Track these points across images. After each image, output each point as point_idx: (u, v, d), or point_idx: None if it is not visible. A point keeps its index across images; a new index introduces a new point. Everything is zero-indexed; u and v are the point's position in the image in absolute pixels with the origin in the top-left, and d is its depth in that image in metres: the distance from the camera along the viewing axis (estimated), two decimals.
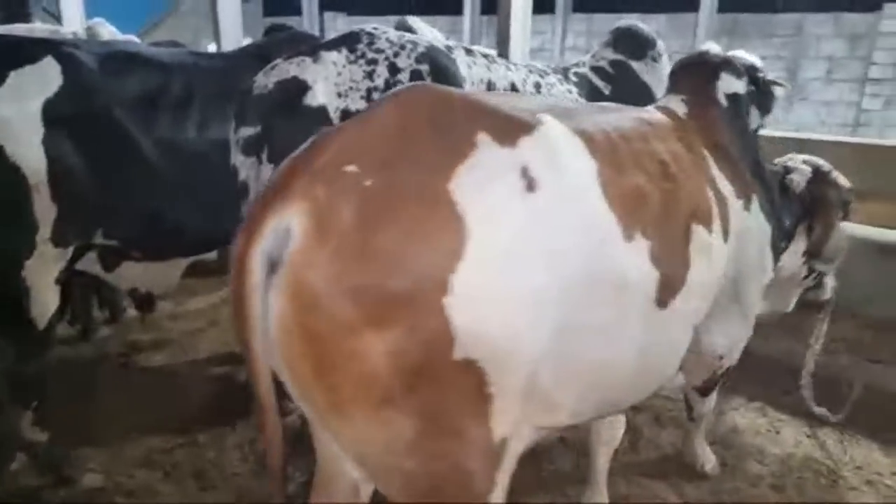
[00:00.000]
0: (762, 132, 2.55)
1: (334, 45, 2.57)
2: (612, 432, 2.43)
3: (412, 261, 1.23)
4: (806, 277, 2.75)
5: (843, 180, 2.70)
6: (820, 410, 3.10)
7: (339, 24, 15.37)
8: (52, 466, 2.58)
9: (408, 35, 2.71)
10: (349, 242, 1.22)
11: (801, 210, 2.60)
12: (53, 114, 2.22)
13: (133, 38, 7.29)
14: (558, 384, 1.50)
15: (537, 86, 3.10)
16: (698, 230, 1.77)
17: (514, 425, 1.43)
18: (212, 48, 5.44)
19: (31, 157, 2.17)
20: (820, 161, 2.73)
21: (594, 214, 1.48)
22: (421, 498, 1.40)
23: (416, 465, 1.35)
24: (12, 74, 2.19)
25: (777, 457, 3.00)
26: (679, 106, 2.16)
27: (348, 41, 2.59)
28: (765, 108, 3.47)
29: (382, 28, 2.68)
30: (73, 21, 7.06)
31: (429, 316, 1.24)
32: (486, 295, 1.28)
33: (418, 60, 2.52)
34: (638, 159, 1.66)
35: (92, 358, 3.74)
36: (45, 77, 2.25)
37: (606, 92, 3.47)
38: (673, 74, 2.40)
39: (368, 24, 2.72)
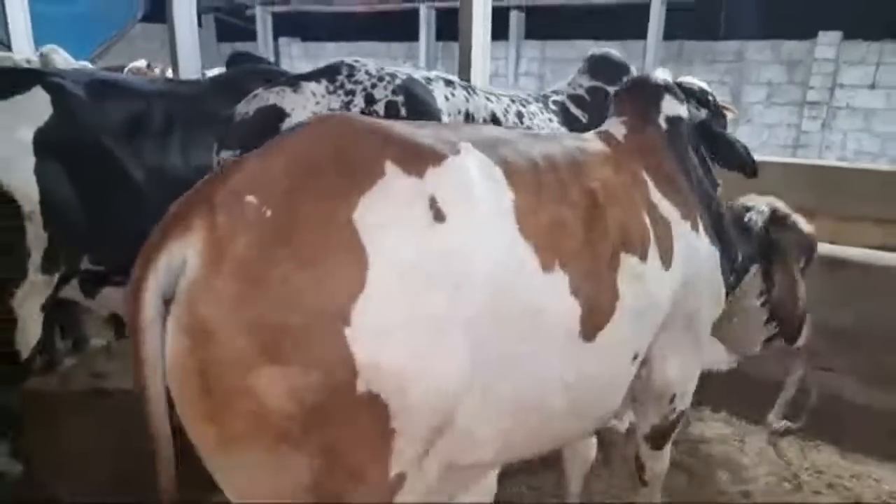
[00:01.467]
0: None
1: (315, 76, 2.63)
2: (584, 455, 2.47)
3: (312, 293, 1.18)
4: (769, 321, 2.63)
5: (804, 225, 2.64)
6: (781, 425, 3.21)
7: (293, 49, 15.39)
8: (28, 499, 2.51)
9: (389, 68, 2.78)
10: (246, 274, 1.16)
11: (756, 250, 2.52)
12: (44, 143, 2.22)
13: (86, 64, 7.21)
14: (478, 420, 1.45)
15: (519, 115, 3.11)
16: (628, 259, 1.70)
17: (415, 461, 1.36)
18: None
19: (24, 185, 2.17)
20: (779, 204, 2.67)
21: (508, 246, 1.43)
22: None
23: None
24: (1, 105, 2.19)
25: (742, 465, 3.14)
26: (619, 129, 2.08)
27: (328, 72, 2.65)
28: (723, 129, 3.66)
29: (364, 60, 2.75)
30: (24, 48, 6.93)
31: (330, 350, 1.18)
32: (390, 328, 1.23)
33: (394, 92, 2.58)
34: (564, 189, 1.62)
35: (60, 388, 3.66)
36: (36, 107, 2.25)
37: (584, 120, 3.46)
38: (616, 97, 2.33)
39: (323, 50, 2.77)
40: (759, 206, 2.62)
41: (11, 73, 2.44)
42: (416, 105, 2.62)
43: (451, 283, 1.30)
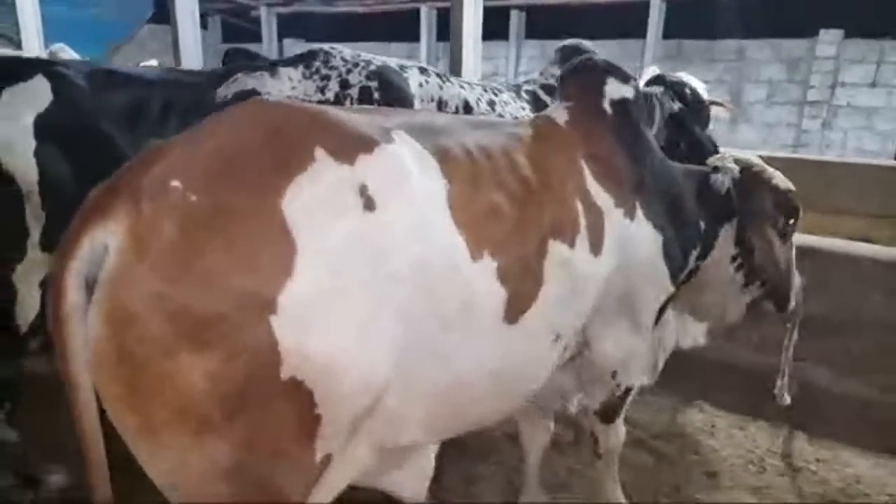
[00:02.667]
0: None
1: (293, 62, 2.73)
2: (541, 437, 2.56)
3: (237, 279, 1.16)
4: (747, 285, 2.50)
5: (781, 181, 2.43)
6: (787, 399, 2.90)
7: (297, 50, 15.53)
8: (19, 467, 2.61)
9: (364, 55, 2.86)
10: (169, 260, 1.13)
11: (724, 213, 2.40)
12: (44, 128, 2.30)
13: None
14: (405, 403, 1.48)
15: (491, 103, 3.21)
16: (556, 245, 1.71)
17: (342, 443, 1.38)
18: None
19: (24, 167, 2.26)
20: (754, 160, 2.50)
21: (439, 236, 1.44)
22: None
23: (232, 492, 1.26)
24: (6, 91, 2.29)
25: (711, 448, 3.19)
26: (561, 115, 2.06)
27: (306, 59, 2.74)
28: (698, 122, 3.70)
29: (339, 48, 2.83)
30: (34, 47, 7.12)
31: (254, 336, 1.17)
32: (316, 314, 1.22)
33: (368, 77, 2.67)
34: (497, 177, 1.63)
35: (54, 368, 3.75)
36: (37, 93, 2.34)
37: None
38: (560, 82, 2.29)
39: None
40: (727, 164, 2.46)
41: (16, 62, 2.53)
42: (390, 90, 2.70)
43: (381, 272, 1.30)
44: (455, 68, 5.66)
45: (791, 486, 2.93)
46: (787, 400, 2.77)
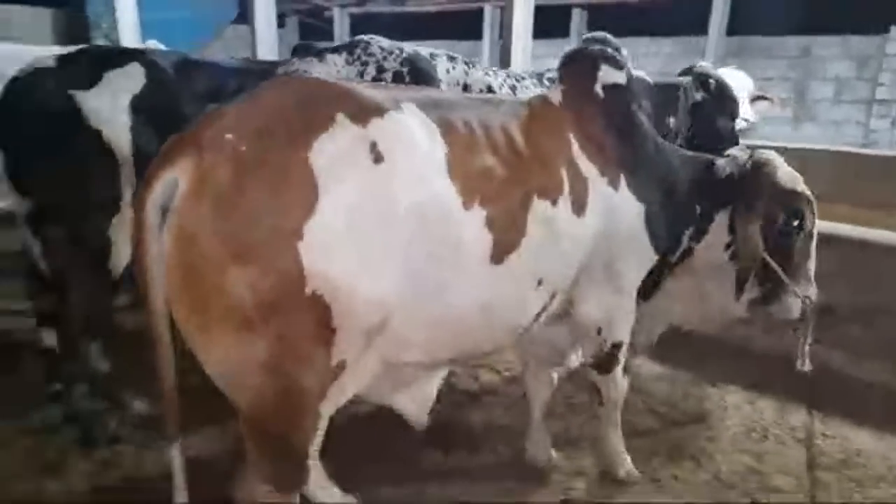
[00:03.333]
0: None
1: (338, 49, 3.13)
2: (544, 388, 2.82)
3: (273, 213, 1.47)
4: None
5: (787, 179, 2.46)
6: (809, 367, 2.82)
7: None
8: (108, 393, 3.09)
9: (399, 44, 3.24)
10: (222, 194, 1.45)
11: (721, 199, 2.50)
12: (138, 106, 2.79)
13: None
14: (409, 326, 1.78)
15: (513, 88, 3.56)
16: (539, 203, 1.98)
17: (355, 353, 1.68)
18: None
19: (121, 139, 2.73)
20: (767, 155, 2.53)
21: (435, 186, 1.72)
22: (266, 406, 1.64)
23: (265, 380, 1.59)
24: (107, 75, 2.78)
25: (718, 418, 3.39)
26: (556, 96, 2.30)
27: (349, 47, 3.14)
28: (722, 112, 3.88)
29: (378, 38, 3.22)
30: (131, 45, 7.88)
31: (284, 257, 1.48)
32: (334, 243, 1.52)
33: (401, 64, 3.04)
34: (492, 144, 1.92)
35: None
36: (132, 77, 2.83)
37: None
38: (560, 67, 2.51)
39: None
40: (736, 154, 2.56)
41: (116, 51, 3.10)
42: (418, 74, 3.06)
43: (387, 213, 1.61)
44: (504, 65, 5.98)
45: (789, 453, 3.10)
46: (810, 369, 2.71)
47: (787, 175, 2.48)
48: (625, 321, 2.46)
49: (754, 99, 5.75)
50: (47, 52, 3.01)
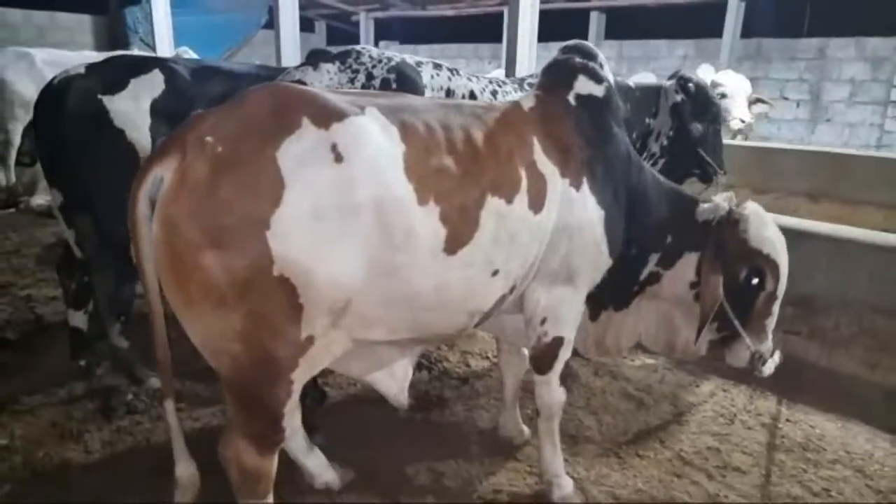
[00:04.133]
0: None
1: (332, 58, 3.39)
2: (516, 366, 2.99)
3: (244, 204, 1.69)
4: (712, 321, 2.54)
5: (755, 240, 2.48)
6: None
7: (393, 50, 16.47)
8: (128, 369, 3.42)
9: (388, 53, 3.50)
10: (201, 188, 1.68)
11: (691, 239, 2.59)
12: (157, 109, 3.12)
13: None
14: (370, 307, 1.96)
15: (494, 93, 3.76)
16: (493, 200, 2.11)
17: (322, 329, 1.89)
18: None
19: (142, 138, 3.06)
20: (751, 210, 2.54)
21: (391, 183, 1.89)
22: (242, 372, 1.86)
23: (241, 350, 1.81)
24: (132, 81, 3.13)
25: (690, 403, 3.59)
26: (528, 102, 2.44)
27: (342, 56, 3.41)
28: (701, 113, 4.06)
29: (369, 47, 3.50)
30: (165, 49, 8.37)
31: (254, 243, 1.70)
32: (298, 232, 1.73)
33: (388, 71, 3.30)
34: (451, 145, 2.07)
35: None
36: (153, 83, 3.18)
37: None
38: (541, 74, 2.66)
39: (417, 51, 3.49)
40: (720, 202, 2.57)
41: (140, 59, 3.43)
42: (405, 81, 3.31)
43: (346, 206, 1.80)
44: (510, 68, 6.20)
45: (752, 436, 3.29)
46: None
47: (759, 236, 2.50)
48: (570, 318, 2.54)
49: (753, 101, 5.91)
50: (85, 57, 3.36)
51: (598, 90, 2.52)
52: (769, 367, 2.67)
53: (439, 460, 2.95)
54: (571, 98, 2.48)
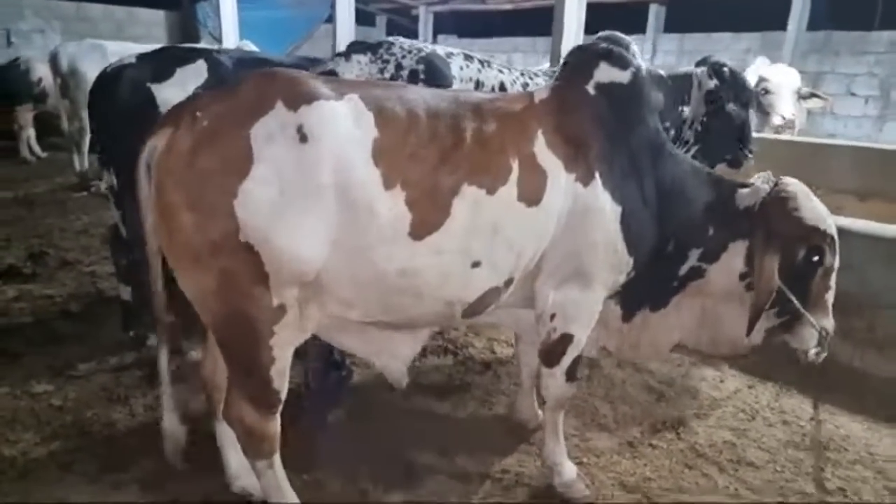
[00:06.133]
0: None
1: (364, 49, 3.53)
2: (534, 356, 2.80)
3: (217, 173, 1.88)
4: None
5: (808, 215, 2.40)
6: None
7: (450, 43, 16.60)
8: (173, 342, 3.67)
9: (419, 44, 3.61)
10: (183, 157, 1.89)
11: (736, 227, 2.51)
12: None
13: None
14: (341, 286, 2.07)
15: (525, 85, 3.82)
16: (471, 190, 2.11)
17: (292, 300, 2.02)
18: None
19: None
20: (793, 186, 2.47)
21: (356, 165, 1.96)
22: (222, 329, 2.07)
23: (220, 306, 2.01)
24: (178, 70, 3.37)
25: (711, 397, 3.58)
26: (541, 93, 2.41)
27: (374, 47, 3.55)
28: (736, 100, 3.99)
29: (402, 39, 3.62)
30: (231, 43, 8.82)
31: (223, 209, 1.87)
32: (261, 203, 1.87)
33: (417, 62, 3.42)
34: (432, 133, 2.10)
35: None
36: (198, 72, 3.41)
37: None
38: (562, 63, 2.60)
39: (475, 44, 3.59)
40: (759, 184, 2.51)
41: (187, 50, 3.69)
42: (433, 72, 3.42)
43: (309, 184, 1.91)
44: (554, 61, 6.21)
45: (771, 433, 3.26)
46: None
47: (811, 211, 2.43)
48: (583, 317, 2.48)
49: (805, 96, 5.73)
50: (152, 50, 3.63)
51: (622, 76, 2.43)
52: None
53: (453, 441, 3.05)
54: (591, 87, 2.41)
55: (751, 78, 5.59)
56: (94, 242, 5.97)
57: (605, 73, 2.43)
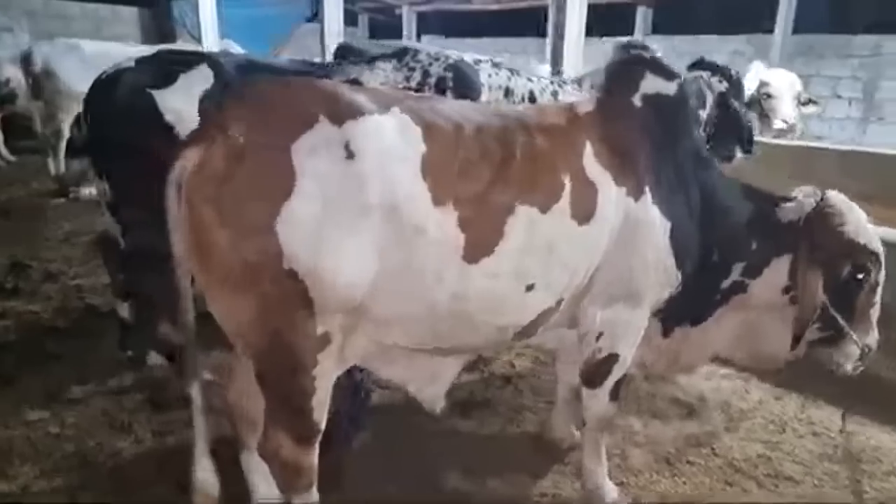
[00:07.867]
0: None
1: (388, 56, 3.39)
2: (573, 376, 2.68)
3: (257, 191, 1.72)
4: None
5: (855, 231, 2.35)
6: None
7: (437, 44, 16.44)
8: (180, 364, 3.47)
9: (446, 51, 3.48)
10: (219, 175, 1.72)
11: (781, 242, 2.46)
12: (205, 101, 3.11)
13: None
14: (386, 309, 1.92)
15: (554, 94, 3.75)
16: (524, 209, 2.00)
17: (337, 328, 1.87)
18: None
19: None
20: (837, 201, 2.41)
21: (406, 184, 1.83)
22: (262, 360, 1.90)
23: (260, 334, 1.84)
24: (182, 76, 3.16)
25: (739, 409, 3.50)
26: (585, 105, 2.31)
27: (398, 54, 3.41)
28: (740, 99, 3.96)
29: (426, 46, 3.49)
30: (211, 42, 8.52)
31: (264, 229, 1.70)
32: (307, 224, 1.72)
33: (446, 69, 3.29)
34: (481, 149, 1.97)
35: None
36: (202, 77, 3.20)
37: None
38: (605, 72, 2.47)
39: (463, 45, 3.52)
40: (802, 199, 2.45)
41: (190, 54, 3.49)
42: (462, 79, 3.30)
43: (356, 204, 1.77)
44: (555, 63, 6.13)
45: (804, 445, 3.19)
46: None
47: (856, 227, 2.37)
48: (630, 336, 2.40)
49: (805, 102, 5.71)
50: (138, 50, 3.42)
51: (668, 88, 2.34)
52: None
53: (483, 462, 2.92)
54: (637, 99, 2.32)
55: (752, 82, 5.59)
56: (78, 252, 5.68)
57: (652, 84, 2.34)
